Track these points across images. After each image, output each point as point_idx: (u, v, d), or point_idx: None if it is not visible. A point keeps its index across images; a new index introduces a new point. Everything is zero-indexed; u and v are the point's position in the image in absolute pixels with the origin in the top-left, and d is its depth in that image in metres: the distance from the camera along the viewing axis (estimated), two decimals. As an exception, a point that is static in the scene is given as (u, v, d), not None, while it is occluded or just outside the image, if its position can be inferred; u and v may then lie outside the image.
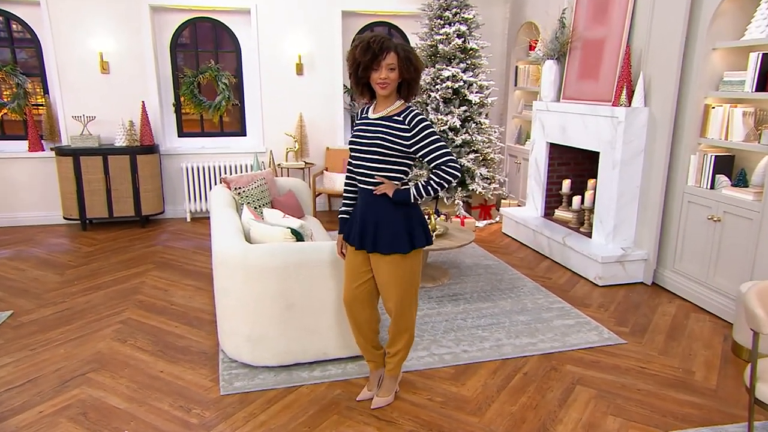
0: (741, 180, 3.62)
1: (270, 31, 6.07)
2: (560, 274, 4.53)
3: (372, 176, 2.36)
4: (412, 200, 2.34)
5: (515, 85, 6.65)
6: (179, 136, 6.31)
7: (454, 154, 2.66)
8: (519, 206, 6.22)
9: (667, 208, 4.13)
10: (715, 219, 3.66)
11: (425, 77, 5.74)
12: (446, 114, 5.66)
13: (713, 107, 3.76)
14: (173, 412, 2.60)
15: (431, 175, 2.32)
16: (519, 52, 6.57)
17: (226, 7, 5.96)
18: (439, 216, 4.70)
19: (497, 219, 6.25)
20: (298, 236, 3.02)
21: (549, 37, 5.21)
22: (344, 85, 6.43)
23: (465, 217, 5.76)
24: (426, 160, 2.32)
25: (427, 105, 5.78)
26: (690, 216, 3.92)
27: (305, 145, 6.38)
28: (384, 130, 2.32)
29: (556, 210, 5.35)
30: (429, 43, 5.77)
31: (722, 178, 3.70)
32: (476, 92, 5.76)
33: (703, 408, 2.66)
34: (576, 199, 4.98)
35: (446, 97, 5.68)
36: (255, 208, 4.02)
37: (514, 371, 3.00)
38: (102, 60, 5.71)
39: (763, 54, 3.40)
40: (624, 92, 4.22)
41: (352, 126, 2.52)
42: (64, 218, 5.78)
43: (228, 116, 6.44)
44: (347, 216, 2.60)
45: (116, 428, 2.49)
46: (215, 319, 3.56)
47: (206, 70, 6.09)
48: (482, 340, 3.34)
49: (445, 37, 5.64)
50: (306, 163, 6.22)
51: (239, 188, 4.05)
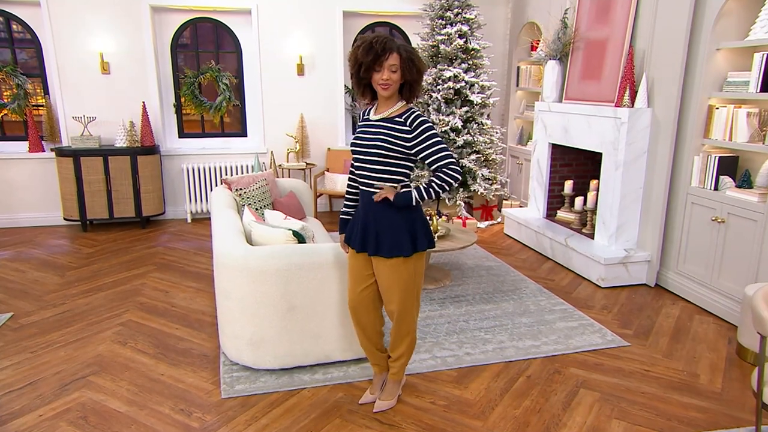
0: (745, 181, 3.60)
1: (271, 32, 6.05)
2: (563, 276, 4.51)
3: (374, 178, 2.34)
4: (414, 203, 2.32)
5: (517, 86, 6.63)
6: (180, 137, 6.29)
7: (456, 156, 2.64)
8: (521, 207, 6.20)
9: (671, 210, 4.11)
10: (719, 220, 3.64)
11: (427, 78, 5.72)
12: (448, 114, 5.64)
13: (717, 108, 3.74)
14: (174, 416, 2.59)
15: (432, 178, 2.30)
16: (521, 53, 6.55)
17: (227, 8, 5.94)
18: (441, 217, 4.68)
19: (499, 220, 6.23)
20: (300, 238, 3.00)
21: (551, 38, 5.19)
22: (345, 86, 6.41)
23: (467, 218, 5.74)
24: (427, 162, 2.30)
25: (429, 105, 5.76)
26: (693, 217, 3.90)
27: (306, 146, 6.36)
28: (385, 132, 2.30)
29: (558, 211, 5.33)
30: (430, 44, 5.75)
31: (726, 180, 3.68)
32: (478, 93, 5.73)
33: (709, 412, 2.64)
34: (578, 200, 4.96)
35: (448, 98, 5.66)
36: (256, 210, 4.00)
37: (518, 374, 2.97)
38: (102, 60, 5.70)
39: (768, 54, 3.39)
40: (627, 93, 4.20)
41: (354, 127, 2.48)
42: (65, 219, 5.76)
43: (229, 117, 6.42)
44: (348, 217, 2.59)
45: (117, 432, 2.47)
46: (216, 322, 3.54)
47: (207, 71, 6.07)
48: (485, 343, 3.32)
49: (447, 38, 5.62)
50: (307, 164, 6.20)
51: (240, 189, 4.03)
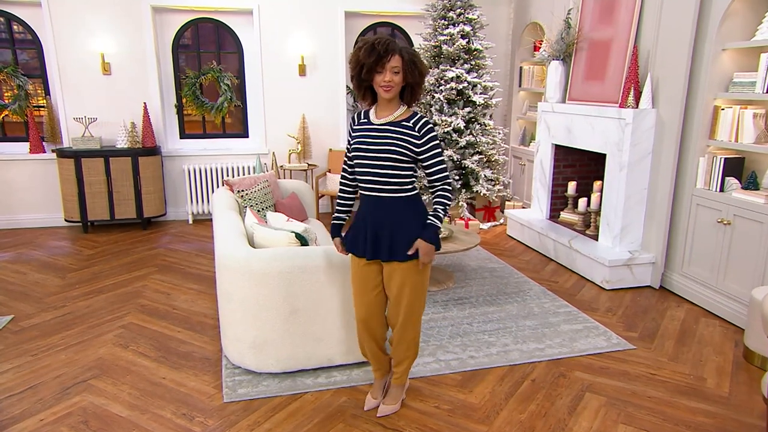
0: (752, 182, 3.56)
1: (272, 32, 6.03)
2: (566, 278, 4.48)
3: (385, 183, 2.31)
4: (439, 231, 2.37)
5: (519, 86, 6.60)
6: (181, 138, 6.26)
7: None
8: (523, 208, 6.17)
9: (675, 211, 4.08)
10: (725, 222, 3.60)
11: (429, 78, 5.69)
12: (450, 115, 5.62)
13: (723, 109, 3.71)
14: (176, 420, 2.56)
15: (438, 201, 2.35)
16: (523, 53, 6.52)
17: (229, 8, 5.91)
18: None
19: (501, 221, 6.20)
20: (303, 240, 2.98)
21: (554, 38, 5.16)
22: (347, 86, 6.38)
23: (469, 219, 5.71)
24: (427, 172, 2.36)
25: (431, 106, 5.73)
26: (699, 219, 3.86)
27: (308, 147, 6.34)
28: (396, 137, 2.27)
29: (562, 212, 5.30)
30: (433, 44, 5.73)
31: (732, 181, 3.65)
32: (480, 93, 5.71)
33: (717, 416, 2.61)
34: (582, 202, 4.93)
35: (450, 99, 5.63)
36: (258, 211, 3.98)
37: (522, 378, 2.94)
38: (103, 61, 5.67)
39: (775, 55, 3.36)
40: (631, 93, 4.17)
41: (351, 131, 2.42)
42: (66, 220, 5.74)
43: (230, 117, 6.40)
44: (341, 222, 2.53)
45: (118, 437, 2.44)
46: (218, 324, 3.52)
47: (208, 71, 6.04)
48: (489, 346, 3.29)
49: (449, 38, 5.59)
50: (309, 165, 6.17)
51: (242, 191, 4.00)
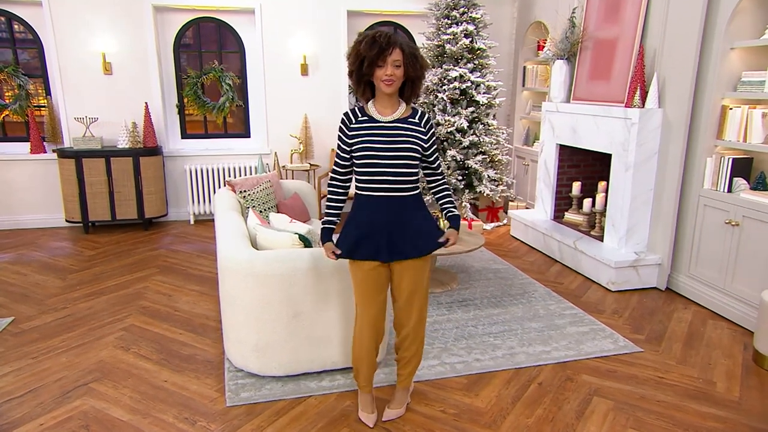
0: (760, 183, 3.52)
1: (274, 31, 5.99)
2: (571, 279, 4.43)
3: (398, 182, 2.27)
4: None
5: (523, 86, 6.55)
6: (182, 138, 6.23)
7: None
8: (527, 208, 6.13)
9: (682, 212, 4.03)
10: (734, 223, 3.56)
11: (432, 78, 5.65)
12: (453, 115, 5.57)
13: (731, 108, 3.66)
14: (178, 425, 2.52)
15: (448, 194, 2.47)
16: (527, 52, 6.47)
17: (230, 7, 5.87)
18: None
19: (505, 222, 6.16)
20: (306, 242, 2.94)
21: (559, 37, 5.12)
22: (349, 86, 6.34)
23: (472, 220, 5.67)
24: (430, 168, 2.44)
25: (434, 106, 5.69)
26: (706, 220, 3.82)
27: (310, 147, 6.30)
28: (408, 134, 2.26)
29: (566, 213, 5.25)
30: (436, 43, 5.68)
31: (740, 182, 3.61)
32: (484, 93, 5.66)
33: (728, 421, 2.56)
34: (587, 202, 4.89)
35: (453, 98, 5.59)
36: (260, 212, 3.94)
37: (528, 381, 2.90)
38: (104, 61, 5.64)
39: (784, 54, 3.31)
40: (637, 93, 4.13)
41: (347, 130, 2.30)
42: (66, 221, 5.71)
43: (232, 117, 6.36)
44: (333, 227, 2.40)
45: (119, 442, 2.41)
46: (220, 326, 3.48)
47: (210, 71, 6.01)
48: (494, 348, 3.25)
49: (453, 37, 5.54)
50: (311, 165, 6.14)
51: (244, 191, 3.96)
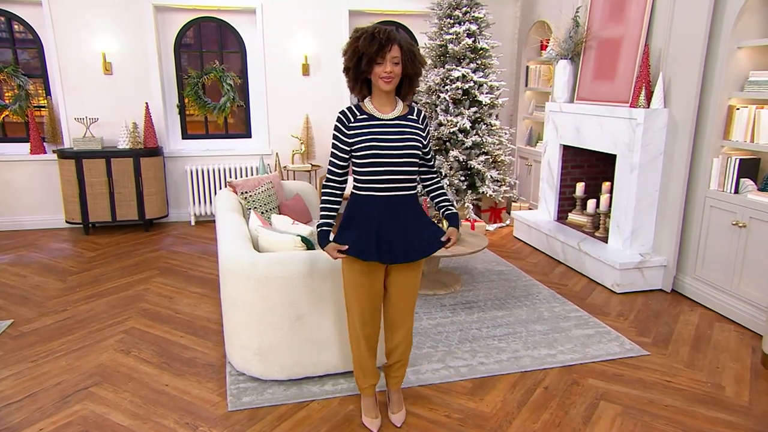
0: (768, 184, 3.48)
1: (276, 31, 5.95)
2: (576, 281, 4.39)
3: (402, 181, 2.26)
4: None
5: (526, 86, 6.51)
6: (183, 138, 6.19)
7: None
8: (530, 209, 6.09)
9: (688, 213, 3.99)
10: (740, 225, 3.52)
11: (435, 78, 5.61)
12: (456, 115, 5.53)
13: (738, 108, 3.62)
14: (179, 430, 2.48)
15: (444, 192, 2.47)
16: (530, 52, 6.43)
17: (231, 7, 5.84)
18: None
19: (508, 222, 6.12)
20: (309, 244, 2.90)
21: (562, 37, 5.08)
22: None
23: (475, 221, 5.63)
24: (427, 166, 2.45)
25: (437, 106, 5.65)
26: (712, 221, 3.78)
27: (311, 147, 6.26)
28: (410, 131, 2.25)
29: (570, 214, 5.21)
30: (438, 43, 5.64)
31: (747, 182, 3.56)
32: (487, 93, 5.62)
33: (738, 427, 2.52)
34: (591, 203, 4.85)
35: (456, 98, 5.55)
36: (262, 213, 3.90)
37: (534, 385, 2.86)
38: (105, 61, 5.60)
39: (792, 53, 3.27)
40: (642, 93, 4.08)
41: (345, 129, 2.24)
42: (67, 222, 5.67)
43: (233, 118, 6.32)
44: (330, 228, 2.32)
45: (119, 448, 2.37)
46: (222, 329, 3.44)
47: (211, 71, 5.97)
48: (499, 352, 3.21)
49: (455, 37, 5.51)
50: (312, 166, 6.10)
51: (246, 192, 3.93)
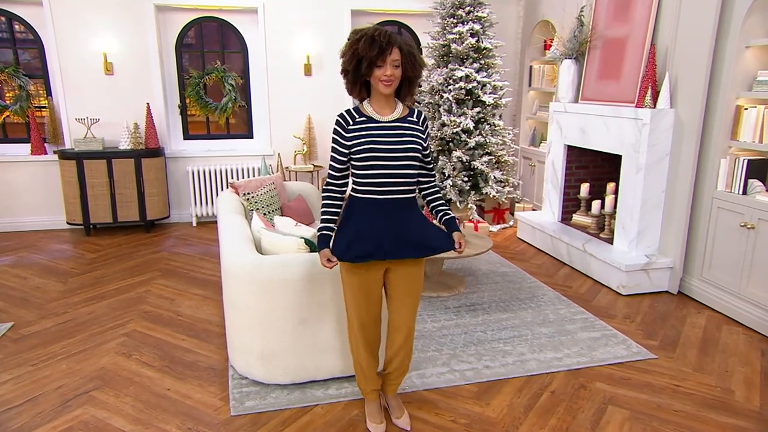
0: (776, 185, 3.44)
1: (277, 31, 5.92)
2: (581, 282, 4.35)
3: (403, 184, 2.22)
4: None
5: (529, 86, 6.47)
6: (185, 139, 6.16)
7: None
8: (533, 210, 6.05)
9: (695, 214, 3.95)
10: (749, 226, 3.48)
11: (438, 78, 5.57)
12: (459, 115, 5.49)
13: (746, 108, 3.58)
14: (181, 435, 2.45)
15: (440, 196, 2.44)
16: (533, 52, 6.39)
17: (233, 7, 5.80)
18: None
19: (511, 223, 6.08)
20: (312, 246, 2.86)
21: (567, 36, 5.04)
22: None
23: (478, 222, 5.59)
24: (426, 169, 2.40)
25: (440, 106, 5.61)
26: (720, 223, 3.74)
27: (313, 148, 6.22)
28: (411, 133, 2.21)
29: (574, 215, 5.17)
30: (441, 43, 5.60)
31: (756, 183, 3.52)
32: (490, 93, 5.58)
33: (749, 432, 2.49)
34: (595, 204, 4.80)
35: (459, 98, 5.51)
36: (264, 215, 3.87)
37: (541, 389, 2.82)
38: (106, 61, 5.57)
39: (801, 52, 3.23)
40: (648, 93, 4.04)
41: (345, 132, 2.20)
42: (68, 223, 5.64)
43: (234, 118, 6.29)
44: (331, 232, 2.26)
45: (121, 454, 2.33)
46: (224, 332, 3.41)
47: (212, 71, 5.93)
48: (504, 355, 3.17)
49: (458, 37, 5.46)
50: (314, 166, 6.07)
51: (248, 194, 3.89)
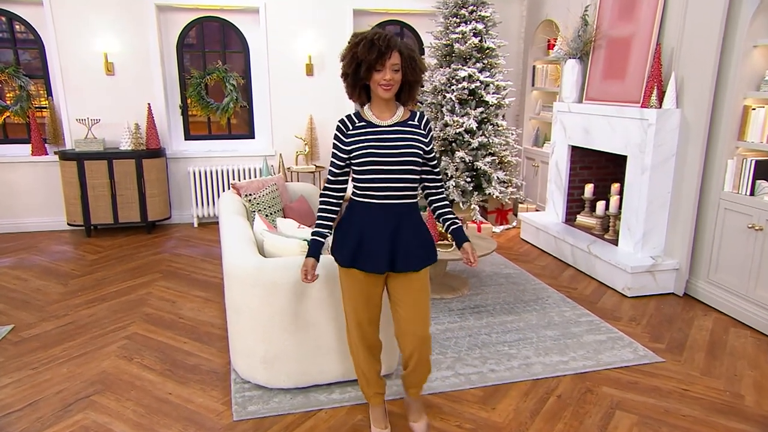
0: (785, 186, 3.40)
1: (279, 31, 5.88)
2: (585, 284, 4.31)
3: (402, 189, 2.17)
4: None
5: (532, 86, 6.43)
6: (186, 139, 6.12)
7: None
8: (537, 211, 6.01)
9: (701, 216, 3.91)
10: (757, 228, 3.44)
11: (440, 78, 5.53)
12: (462, 116, 5.45)
13: (753, 108, 3.54)
14: (183, 441, 2.42)
15: (448, 204, 2.37)
16: (536, 52, 6.35)
17: (234, 6, 5.77)
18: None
19: (514, 224, 6.04)
20: (315, 249, 2.82)
21: (571, 36, 5.00)
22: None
23: (482, 222, 5.55)
24: (431, 174, 2.34)
25: (443, 106, 5.57)
26: (727, 224, 3.70)
27: (315, 148, 6.19)
28: (410, 137, 2.16)
29: (578, 216, 5.13)
30: (444, 42, 5.56)
31: (764, 184, 3.48)
32: (493, 93, 5.54)
33: (760, 438, 2.45)
34: (600, 205, 4.77)
35: (462, 98, 5.47)
36: (266, 216, 3.83)
37: (547, 393, 2.79)
38: (107, 61, 5.54)
39: (810, 52, 3.19)
40: (654, 93, 4.00)
41: (344, 137, 2.16)
42: (68, 224, 5.61)
43: (236, 118, 6.25)
44: (323, 239, 2.24)
45: (122, 460, 2.30)
46: (226, 335, 3.37)
47: (214, 71, 5.90)
48: (510, 358, 3.13)
49: (461, 36, 5.42)
50: (316, 167, 6.03)
51: (250, 195, 3.86)
